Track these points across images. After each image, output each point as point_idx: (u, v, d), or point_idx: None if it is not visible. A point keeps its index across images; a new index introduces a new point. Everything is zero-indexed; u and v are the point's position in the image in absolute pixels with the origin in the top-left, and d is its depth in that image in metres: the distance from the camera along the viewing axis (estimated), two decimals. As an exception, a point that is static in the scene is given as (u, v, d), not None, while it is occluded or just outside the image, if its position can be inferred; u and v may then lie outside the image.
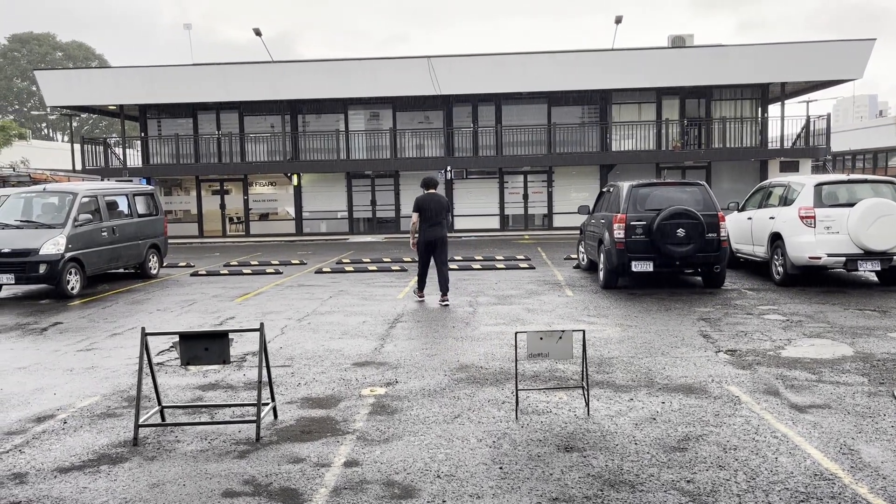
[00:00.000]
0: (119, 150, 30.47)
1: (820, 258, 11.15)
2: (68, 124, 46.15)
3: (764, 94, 27.65)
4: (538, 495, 4.20)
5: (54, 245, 12.23)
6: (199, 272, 15.83)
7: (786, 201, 12.07)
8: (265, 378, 5.55)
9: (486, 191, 28.02)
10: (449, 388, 6.42)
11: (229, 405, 5.99)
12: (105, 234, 13.57)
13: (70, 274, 12.43)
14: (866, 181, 12.02)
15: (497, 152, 27.61)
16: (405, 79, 26.20)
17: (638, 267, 11.38)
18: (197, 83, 27.04)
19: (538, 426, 5.37)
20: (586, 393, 5.69)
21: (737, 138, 27.72)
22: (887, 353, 7.37)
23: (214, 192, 29.09)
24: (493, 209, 28.03)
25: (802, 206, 11.46)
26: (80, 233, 12.84)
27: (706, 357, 7.34)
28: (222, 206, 28.98)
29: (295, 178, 28.17)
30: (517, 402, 5.67)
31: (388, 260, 17.32)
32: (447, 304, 10.84)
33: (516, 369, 5.73)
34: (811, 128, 27.45)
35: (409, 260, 16.57)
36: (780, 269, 11.92)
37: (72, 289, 12.43)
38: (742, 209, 13.77)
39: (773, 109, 30.58)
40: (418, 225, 10.93)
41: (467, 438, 5.15)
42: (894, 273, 11.52)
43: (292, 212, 28.64)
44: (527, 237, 25.41)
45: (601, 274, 12.20)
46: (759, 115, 27.81)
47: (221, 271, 15.89)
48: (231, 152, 28.68)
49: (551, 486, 4.32)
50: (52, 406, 6.21)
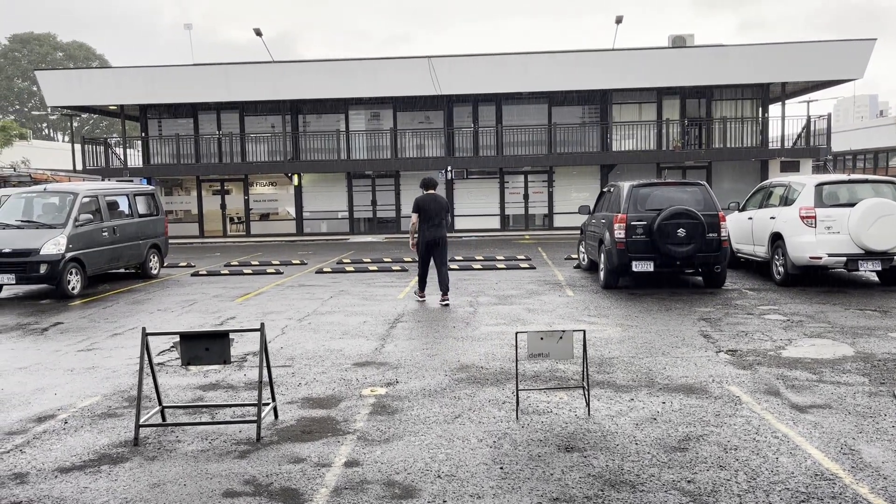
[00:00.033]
0: (120, 151, 30.49)
1: (821, 258, 11.14)
2: (69, 124, 46.17)
3: (764, 94, 27.64)
4: (539, 495, 4.20)
5: (55, 245, 12.24)
6: (200, 272, 15.84)
7: (786, 201, 12.07)
8: (266, 378, 5.55)
9: (487, 191, 28.02)
10: (449, 388, 6.42)
11: (230, 405, 6.00)
12: (106, 234, 13.57)
13: (71, 274, 12.44)
14: (867, 181, 12.01)
15: (497, 152, 27.61)
16: (406, 79, 26.20)
17: (638, 267, 11.37)
18: (198, 83, 27.06)
19: (539, 426, 5.37)
20: (587, 393, 5.69)
21: (737, 138, 27.71)
22: (888, 353, 7.36)
23: (215, 192, 29.10)
24: (494, 209, 28.03)
25: (803, 206, 11.46)
26: (81, 233, 12.84)
27: (707, 357, 7.34)
28: (223, 206, 28.99)
29: (295, 178, 28.18)
30: (518, 402, 5.67)
31: (389, 260, 17.33)
32: (447, 303, 10.84)
33: (517, 369, 5.73)
34: (812, 128, 27.44)
35: (410, 260, 16.57)
36: (780, 268, 11.92)
37: (72, 289, 12.44)
38: (743, 209, 13.77)
39: (774, 109, 30.62)
40: (418, 226, 10.95)
41: (468, 438, 5.15)
42: (895, 273, 11.51)
43: (293, 212, 28.65)
44: (527, 237, 25.40)
45: (602, 274, 12.20)
46: (760, 115, 27.80)
47: (222, 271, 15.89)
48: (232, 152, 28.69)
49: (552, 487, 4.32)
50: (53, 406, 6.22)
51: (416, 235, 11.08)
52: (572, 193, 27.77)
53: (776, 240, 12.03)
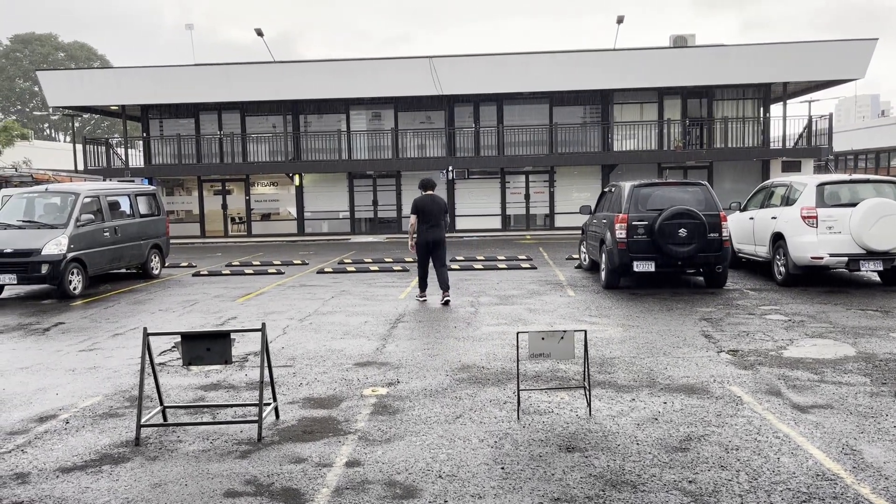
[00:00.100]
0: (121, 151, 30.48)
1: (822, 258, 11.13)
2: (70, 124, 46.20)
3: (766, 94, 27.62)
4: (540, 495, 4.20)
5: (56, 245, 12.25)
6: (201, 272, 15.85)
7: (788, 201, 12.06)
8: (267, 378, 5.55)
9: (488, 191, 28.02)
10: (451, 388, 6.42)
11: (231, 405, 6.00)
12: (107, 234, 13.58)
13: (72, 274, 12.44)
14: (868, 181, 12.00)
15: (498, 152, 27.60)
16: (407, 79, 26.21)
17: (640, 267, 11.37)
18: (199, 83, 27.07)
19: (540, 426, 5.37)
20: (588, 393, 5.69)
21: (739, 138, 27.69)
22: (889, 353, 7.36)
23: (216, 193, 29.11)
24: (495, 209, 28.03)
25: (805, 206, 11.45)
26: (83, 233, 12.85)
27: (708, 357, 7.33)
28: (224, 206, 29.00)
29: (297, 178, 28.19)
30: (519, 402, 5.67)
31: (390, 260, 17.33)
32: (448, 300, 10.85)
33: (518, 369, 5.73)
34: (813, 128, 27.42)
35: (411, 260, 16.57)
36: (782, 269, 11.91)
37: (74, 289, 12.45)
38: (744, 209, 13.76)
39: (775, 109, 30.54)
40: (417, 226, 10.95)
41: (469, 438, 5.15)
42: (896, 273, 11.51)
43: (294, 212, 28.66)
44: (528, 237, 25.40)
45: (603, 274, 12.20)
46: (761, 115, 27.77)
47: (223, 271, 15.90)
48: (233, 152, 28.70)
49: (553, 487, 4.32)
50: (55, 406, 6.22)
51: (415, 236, 11.09)
52: (573, 193, 27.76)
53: (777, 240, 12.02)
